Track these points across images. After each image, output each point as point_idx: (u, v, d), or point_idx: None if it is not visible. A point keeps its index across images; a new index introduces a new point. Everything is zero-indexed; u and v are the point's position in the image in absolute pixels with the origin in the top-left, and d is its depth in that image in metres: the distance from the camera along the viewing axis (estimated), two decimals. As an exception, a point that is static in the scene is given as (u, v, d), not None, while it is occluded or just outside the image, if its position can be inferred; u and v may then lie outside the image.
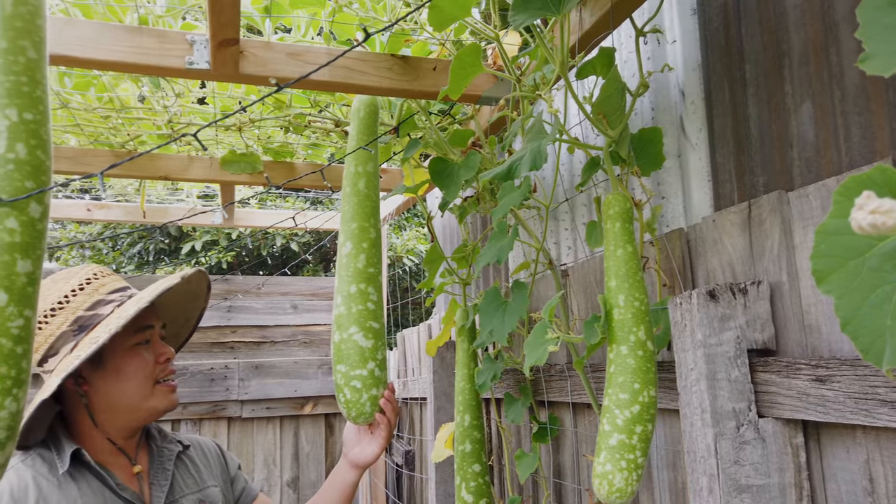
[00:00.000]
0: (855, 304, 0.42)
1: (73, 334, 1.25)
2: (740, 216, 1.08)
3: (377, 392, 1.40)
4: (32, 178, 0.81)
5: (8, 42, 0.82)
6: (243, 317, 3.68)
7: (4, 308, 0.76)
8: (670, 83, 1.36)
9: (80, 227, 7.49)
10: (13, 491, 1.15)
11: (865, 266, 0.41)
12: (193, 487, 1.39)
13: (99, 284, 1.33)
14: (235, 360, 3.60)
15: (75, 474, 1.22)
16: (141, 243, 7.23)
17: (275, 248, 6.48)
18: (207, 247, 6.59)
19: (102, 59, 1.31)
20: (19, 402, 0.77)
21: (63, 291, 1.29)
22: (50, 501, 1.17)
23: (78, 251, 8.03)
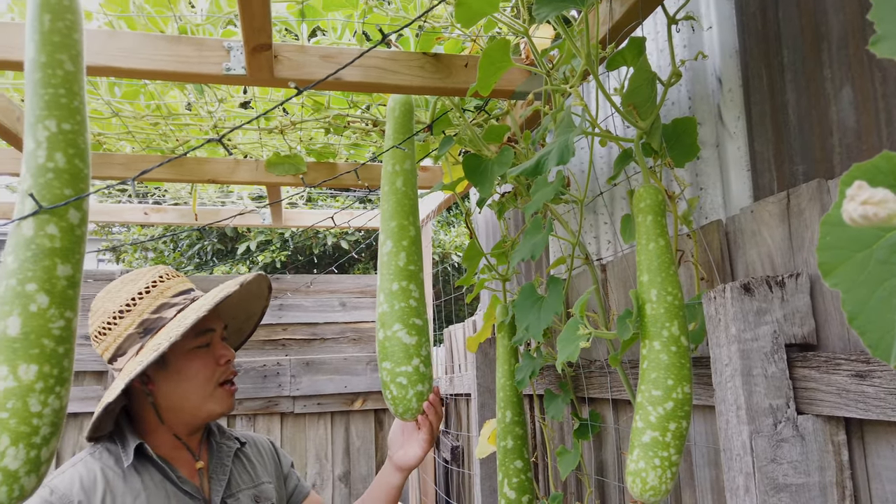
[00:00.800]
0: (862, 298, 0.40)
1: (140, 336, 1.29)
2: (779, 206, 1.04)
3: (423, 388, 1.40)
4: (71, 185, 0.85)
5: (47, 56, 0.86)
6: (294, 314, 3.76)
7: (46, 310, 0.80)
8: (707, 71, 1.32)
9: (143, 229, 7.79)
10: (83, 482, 1.22)
11: (873, 258, 0.39)
12: (249, 483, 1.44)
13: (164, 287, 1.36)
14: (287, 357, 3.69)
15: (139, 467, 1.28)
16: (199, 244, 7.46)
17: (326, 246, 6.59)
18: (262, 246, 6.75)
19: (144, 68, 1.36)
20: (62, 400, 0.81)
21: (130, 294, 1.33)
22: (116, 492, 1.23)
23: (141, 252, 8.36)
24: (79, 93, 0.89)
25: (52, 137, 0.84)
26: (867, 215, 0.32)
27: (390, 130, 1.55)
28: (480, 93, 1.26)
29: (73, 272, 0.84)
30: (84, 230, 0.87)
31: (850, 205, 0.33)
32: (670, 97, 1.43)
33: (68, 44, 0.88)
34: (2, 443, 0.76)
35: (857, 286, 0.40)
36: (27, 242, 0.81)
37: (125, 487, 1.24)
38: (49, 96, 0.85)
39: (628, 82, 1.09)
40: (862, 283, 0.40)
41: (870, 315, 0.40)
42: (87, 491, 1.21)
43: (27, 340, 0.78)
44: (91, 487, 1.21)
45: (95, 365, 3.49)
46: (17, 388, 0.77)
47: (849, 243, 0.40)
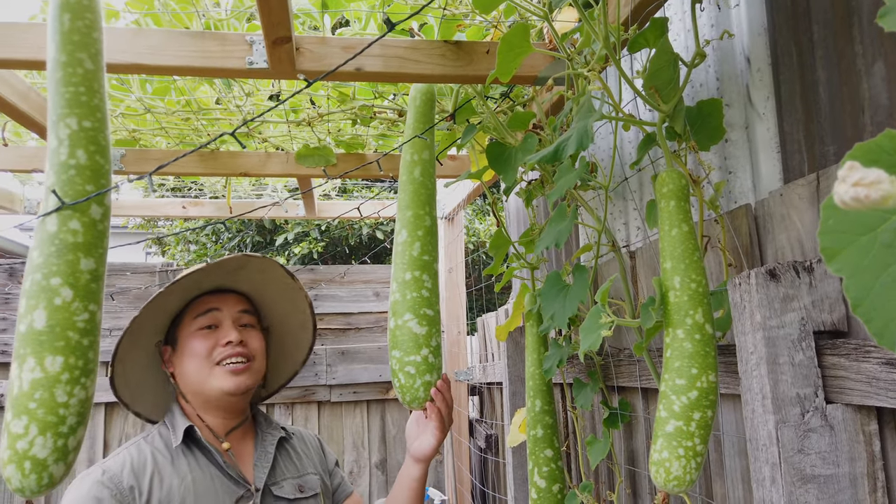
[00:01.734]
0: (866, 284, 0.38)
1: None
2: (808, 189, 1.01)
3: (431, 378, 1.40)
4: (93, 181, 0.87)
5: (67, 55, 0.88)
6: (329, 304, 3.80)
7: (70, 303, 0.82)
8: (735, 50, 1.28)
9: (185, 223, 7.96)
10: (133, 463, 1.28)
11: (877, 242, 0.37)
12: (294, 473, 1.47)
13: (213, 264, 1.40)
14: (322, 347, 3.73)
15: (187, 451, 1.33)
16: (238, 237, 7.60)
17: (361, 236, 6.64)
18: (299, 238, 6.84)
19: (170, 64, 1.38)
20: (88, 391, 0.84)
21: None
22: (164, 475, 1.28)
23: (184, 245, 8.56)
24: (99, 90, 0.91)
25: (74, 135, 0.86)
26: (858, 197, 0.31)
27: (411, 120, 1.54)
28: (500, 79, 1.24)
29: (96, 266, 0.86)
30: (106, 225, 0.89)
31: (842, 186, 0.31)
32: (698, 79, 1.39)
33: (88, 42, 0.90)
34: (30, 432, 0.79)
35: (860, 271, 0.38)
36: (51, 238, 0.83)
37: (172, 470, 1.29)
38: (70, 94, 0.87)
39: (649, 64, 1.06)
40: (866, 268, 0.38)
41: (874, 301, 0.38)
42: (137, 472, 1.26)
43: (53, 333, 0.81)
44: (141, 469, 1.27)
45: (139, 355, 3.59)
46: (44, 379, 0.80)
47: (852, 227, 0.38)
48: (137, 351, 1.42)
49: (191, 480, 1.29)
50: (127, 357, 1.39)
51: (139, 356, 1.43)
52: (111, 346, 3.68)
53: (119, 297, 3.60)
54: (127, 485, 1.23)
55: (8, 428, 0.80)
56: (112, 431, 3.58)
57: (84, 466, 3.50)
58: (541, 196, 1.78)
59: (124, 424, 3.59)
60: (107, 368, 1.36)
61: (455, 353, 3.55)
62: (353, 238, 6.69)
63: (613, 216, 1.83)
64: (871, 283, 0.38)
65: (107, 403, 3.56)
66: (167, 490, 1.26)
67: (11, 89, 1.63)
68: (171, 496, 1.26)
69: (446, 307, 3.58)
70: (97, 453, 3.53)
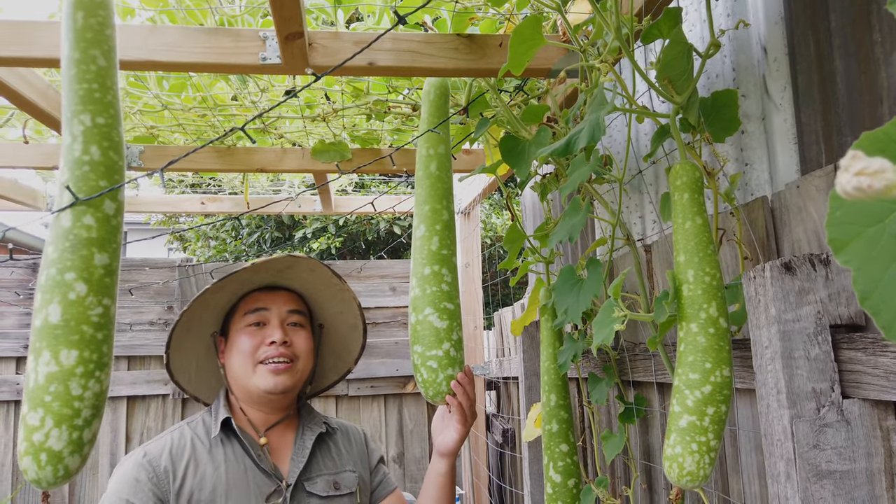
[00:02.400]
0: (875, 276, 0.37)
1: None
2: (826, 180, 0.99)
3: (453, 372, 1.41)
4: (106, 177, 0.88)
5: (80, 53, 0.89)
6: (346, 300, 3.82)
7: (84, 298, 0.83)
8: (752, 40, 1.26)
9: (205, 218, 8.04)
10: (173, 447, 1.33)
11: (886, 233, 0.36)
12: (331, 469, 1.47)
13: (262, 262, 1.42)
14: (340, 342, 3.75)
15: (224, 441, 1.37)
16: (258, 232, 7.65)
17: (379, 231, 6.66)
18: (317, 233, 6.88)
19: (184, 61, 1.39)
20: (102, 384, 0.85)
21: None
22: (200, 460, 1.32)
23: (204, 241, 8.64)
24: (112, 87, 0.92)
25: (88, 131, 0.87)
26: (861, 187, 0.30)
27: (425, 114, 1.54)
28: (512, 72, 1.23)
29: (109, 261, 0.87)
30: (120, 220, 0.90)
31: (844, 176, 0.31)
32: (714, 69, 1.37)
33: (100, 40, 0.91)
34: (46, 425, 0.80)
35: (868, 263, 0.37)
36: (66, 233, 0.85)
37: (208, 458, 1.33)
38: (83, 91, 0.88)
39: (663, 55, 1.05)
40: (874, 259, 0.37)
41: (882, 294, 0.37)
42: (175, 458, 1.31)
43: (67, 327, 0.82)
44: (179, 454, 1.31)
45: (160, 350, 3.63)
46: (59, 373, 0.81)
47: (860, 218, 0.37)
48: (195, 340, 1.46)
49: (224, 470, 1.32)
50: (183, 346, 1.44)
51: (198, 345, 1.47)
52: (133, 341, 3.71)
53: (139, 293, 3.64)
54: (163, 467, 1.28)
55: (24, 420, 0.81)
56: (133, 424, 3.64)
57: (107, 459, 3.56)
58: (556, 190, 1.77)
59: (146, 418, 3.65)
60: (163, 357, 1.43)
61: (472, 348, 3.55)
62: (370, 233, 6.71)
63: (629, 209, 1.81)
64: (880, 276, 0.37)
65: (129, 397, 3.61)
66: (200, 477, 1.30)
67: (31, 87, 1.66)
68: (203, 483, 1.29)
69: (463, 302, 3.58)
70: (119, 446, 3.59)
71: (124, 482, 1.25)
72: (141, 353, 3.64)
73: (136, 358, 3.67)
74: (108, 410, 3.57)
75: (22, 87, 1.62)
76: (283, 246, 7.32)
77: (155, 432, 3.64)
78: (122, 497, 1.23)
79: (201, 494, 1.28)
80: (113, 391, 3.54)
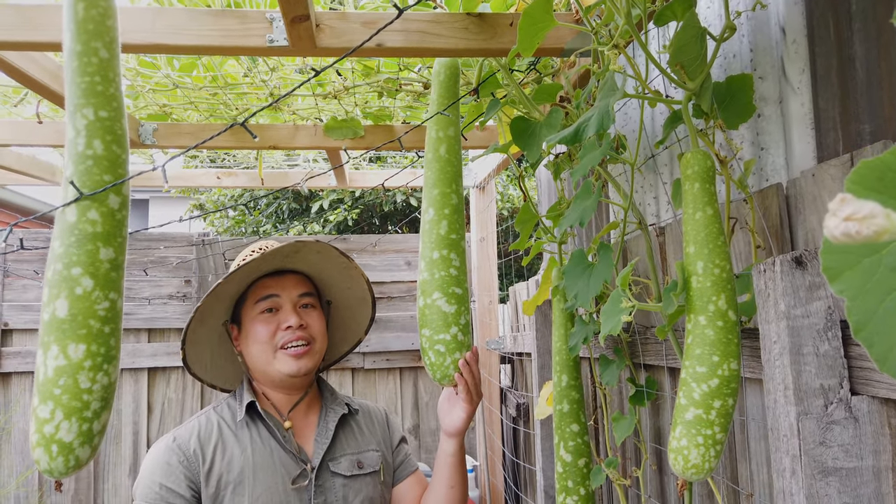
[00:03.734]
0: (869, 308, 0.36)
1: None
2: (842, 170, 0.96)
3: (460, 356, 1.41)
4: (110, 171, 0.88)
5: (82, 45, 0.88)
6: (361, 274, 3.84)
7: (91, 293, 0.84)
8: (771, 20, 1.22)
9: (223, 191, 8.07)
10: (200, 431, 1.37)
11: (882, 265, 0.35)
12: (354, 449, 1.49)
13: (266, 252, 1.41)
14: (356, 315, 3.78)
15: (250, 424, 1.40)
16: (275, 204, 7.68)
17: (396, 203, 6.65)
18: (334, 205, 6.88)
19: (191, 44, 1.38)
20: (110, 377, 0.86)
21: (245, 255, 1.47)
22: (227, 444, 1.36)
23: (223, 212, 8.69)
24: (114, 80, 0.91)
25: (91, 125, 0.87)
26: (849, 233, 0.29)
27: (435, 95, 1.52)
28: (522, 54, 1.21)
29: (115, 255, 0.88)
30: (125, 214, 0.90)
31: (832, 220, 0.29)
32: (730, 49, 1.33)
33: (102, 31, 0.90)
34: (56, 417, 0.81)
35: (863, 294, 0.36)
36: (71, 228, 0.85)
37: (235, 441, 1.36)
38: (86, 84, 0.88)
39: (675, 39, 1.02)
40: (869, 290, 0.36)
41: (877, 326, 0.36)
42: (203, 441, 1.34)
43: (75, 321, 0.83)
44: (206, 438, 1.35)
45: (179, 323, 3.69)
46: (67, 367, 0.82)
47: (856, 247, 0.36)
48: (207, 331, 1.47)
49: (251, 452, 1.35)
50: (196, 339, 1.45)
51: (210, 336, 1.48)
52: (153, 314, 3.77)
53: (157, 267, 3.69)
54: (192, 450, 1.32)
55: (35, 413, 0.83)
56: (155, 395, 3.71)
57: (129, 429, 3.65)
58: (568, 169, 1.75)
59: (166, 389, 3.72)
60: (180, 349, 1.44)
61: (486, 323, 3.56)
62: (387, 205, 6.71)
63: (644, 189, 1.78)
64: (875, 308, 0.36)
65: (149, 369, 3.69)
66: (228, 460, 1.33)
67: (42, 70, 1.66)
68: (231, 466, 1.33)
69: (478, 276, 3.58)
70: (141, 416, 3.67)
71: (157, 467, 1.29)
72: (160, 325, 3.71)
73: (155, 331, 3.74)
74: (130, 381, 3.65)
75: (31, 68, 1.62)
76: (300, 217, 7.35)
77: (175, 403, 3.72)
78: (155, 481, 1.27)
79: (230, 476, 1.31)
80: (134, 363, 3.61)
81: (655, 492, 1.64)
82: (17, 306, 3.63)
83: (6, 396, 3.61)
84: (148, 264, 3.68)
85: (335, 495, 1.40)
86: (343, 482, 1.42)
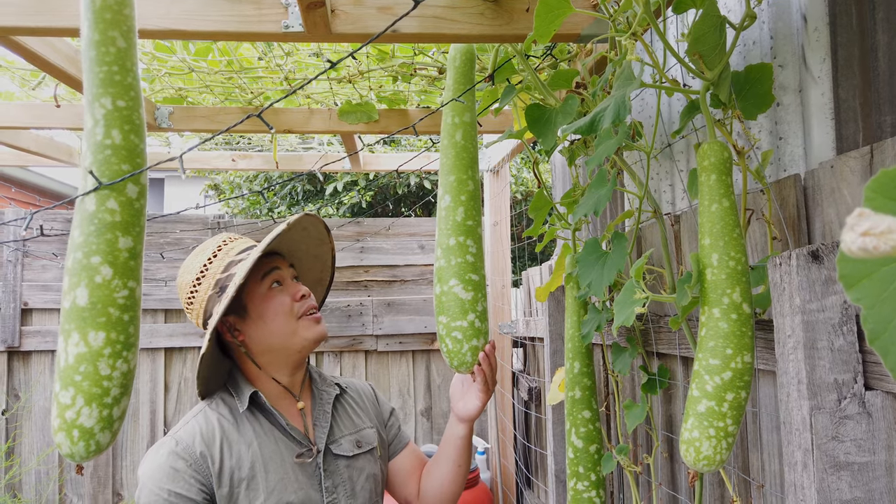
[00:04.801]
0: (885, 317, 0.36)
1: (217, 296, 1.37)
2: (861, 162, 0.95)
3: (478, 342, 1.41)
4: (128, 161, 0.88)
5: (99, 34, 0.89)
6: (375, 257, 3.85)
7: (110, 281, 0.85)
8: (792, 7, 1.20)
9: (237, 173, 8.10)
10: (202, 432, 1.31)
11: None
12: (351, 428, 1.50)
13: (229, 249, 1.42)
14: (369, 298, 3.81)
15: (250, 417, 1.37)
16: (290, 185, 7.70)
17: (409, 186, 6.64)
18: (348, 187, 6.89)
19: (207, 29, 1.38)
20: (129, 364, 0.88)
21: (202, 262, 1.41)
22: (231, 440, 1.32)
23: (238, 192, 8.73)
24: (132, 69, 0.91)
25: (109, 115, 0.88)
26: (867, 248, 0.29)
27: (451, 81, 1.51)
28: (539, 42, 1.20)
29: (133, 244, 0.89)
30: (143, 203, 0.91)
31: (849, 235, 0.29)
32: (750, 36, 1.31)
33: (119, 20, 0.91)
34: (77, 403, 0.83)
35: (880, 303, 0.36)
36: (90, 217, 0.86)
37: (239, 436, 1.33)
38: (104, 74, 0.89)
39: (694, 28, 1.01)
40: (886, 300, 0.36)
41: (893, 335, 0.36)
42: (207, 441, 1.30)
43: (94, 309, 0.84)
44: (210, 437, 1.31)
45: (195, 304, 3.73)
46: (87, 354, 0.84)
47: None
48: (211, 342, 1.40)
49: (257, 445, 1.33)
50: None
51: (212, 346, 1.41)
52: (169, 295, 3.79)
53: (174, 248, 3.72)
54: (199, 452, 1.28)
55: (57, 399, 0.85)
56: (171, 375, 3.77)
57: (147, 407, 3.71)
58: (584, 155, 1.74)
59: (182, 368, 3.77)
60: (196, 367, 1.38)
61: (499, 307, 3.57)
62: (400, 187, 6.71)
63: (660, 176, 1.77)
64: (891, 317, 0.36)
65: (166, 349, 3.74)
66: (237, 457, 1.31)
67: (59, 54, 1.67)
68: (241, 462, 1.30)
69: (491, 261, 3.58)
70: (158, 395, 3.73)
71: (162, 473, 1.24)
72: (177, 306, 3.75)
73: (172, 311, 3.78)
74: (147, 361, 3.70)
75: (48, 52, 1.63)
76: (315, 198, 7.37)
77: (191, 382, 3.77)
78: (163, 487, 1.23)
79: (241, 473, 1.29)
80: (151, 343, 3.66)
81: (666, 479, 1.65)
82: (37, 286, 3.68)
83: (27, 374, 3.68)
84: (164, 246, 3.71)
85: (340, 477, 1.41)
86: (346, 463, 1.43)
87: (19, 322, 3.64)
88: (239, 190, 8.32)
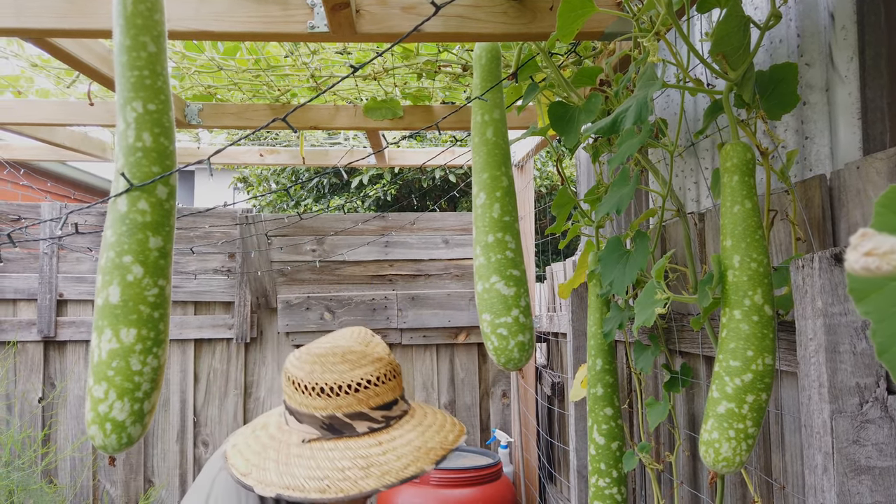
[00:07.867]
0: (894, 331, 0.36)
1: (321, 426, 1.17)
2: (887, 164, 0.94)
3: (524, 338, 1.40)
4: (158, 163, 0.91)
5: (131, 39, 0.92)
6: (399, 251, 3.88)
7: (141, 280, 0.88)
8: (819, 5, 1.18)
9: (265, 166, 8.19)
10: None
11: (908, 288, 0.35)
12: None
13: (373, 393, 1.20)
14: (394, 292, 3.83)
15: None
16: (317, 178, 7.77)
17: (434, 180, 6.66)
18: (374, 180, 6.93)
19: (234, 30, 1.41)
20: (160, 359, 0.91)
21: (339, 381, 1.17)
22: None
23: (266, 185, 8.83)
24: (162, 73, 0.94)
25: (140, 118, 0.91)
26: (869, 267, 0.29)
27: (477, 79, 1.52)
28: (562, 41, 1.20)
29: (163, 243, 0.91)
30: (173, 203, 0.94)
31: (853, 255, 0.30)
32: (777, 34, 1.30)
33: (150, 25, 0.93)
34: (109, 397, 0.86)
35: (890, 317, 0.36)
36: (122, 217, 0.89)
37: None
38: (135, 78, 0.91)
39: (718, 28, 1.00)
40: (894, 314, 0.36)
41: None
42: None
43: (126, 307, 0.87)
44: None
45: (224, 296, 3.80)
46: (120, 350, 0.87)
47: (882, 270, 0.36)
48: None
49: None
50: None
51: None
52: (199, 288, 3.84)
53: (202, 242, 3.79)
54: None
55: (90, 393, 0.88)
56: (201, 365, 3.84)
57: (177, 396, 3.79)
58: (608, 152, 1.74)
59: (211, 359, 3.85)
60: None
61: (523, 302, 3.57)
62: (425, 181, 6.73)
63: (684, 174, 1.76)
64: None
65: (196, 340, 3.81)
66: None
67: (93, 55, 1.71)
68: None
69: (515, 255, 3.58)
70: (188, 385, 3.81)
71: None
72: (206, 298, 3.82)
73: (201, 303, 3.85)
74: (178, 352, 3.78)
75: (81, 53, 1.67)
76: (340, 192, 7.42)
77: (220, 373, 3.84)
78: None
79: None
80: (181, 334, 3.74)
81: (688, 478, 1.65)
82: (72, 278, 3.78)
83: (62, 364, 3.79)
84: (194, 239, 3.78)
85: None
86: None
87: (55, 313, 3.74)
88: (266, 183, 8.41)
